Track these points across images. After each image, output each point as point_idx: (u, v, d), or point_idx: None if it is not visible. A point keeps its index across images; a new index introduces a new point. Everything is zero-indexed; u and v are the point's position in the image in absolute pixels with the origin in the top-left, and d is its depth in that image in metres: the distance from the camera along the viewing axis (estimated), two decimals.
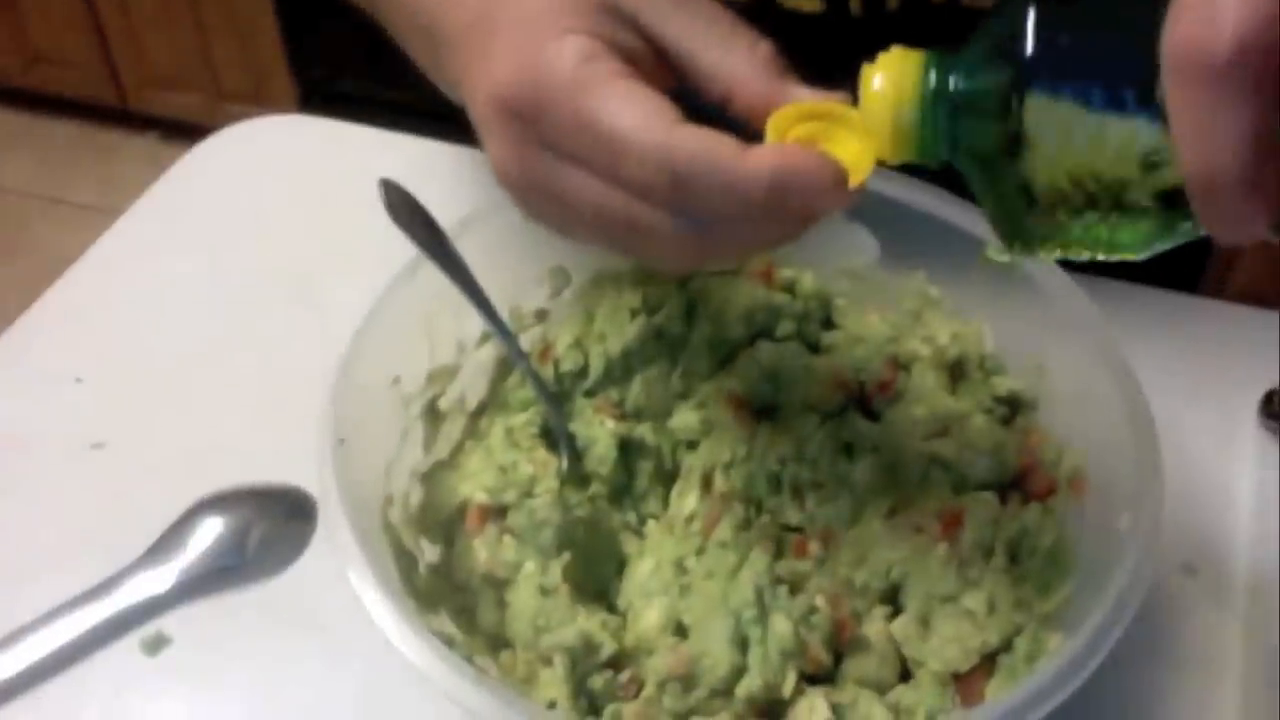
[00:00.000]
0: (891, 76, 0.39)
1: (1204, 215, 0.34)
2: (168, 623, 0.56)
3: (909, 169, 0.54)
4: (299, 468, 0.55)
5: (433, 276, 0.53)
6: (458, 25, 0.46)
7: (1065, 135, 0.36)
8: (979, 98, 0.38)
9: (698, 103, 0.42)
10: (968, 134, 0.39)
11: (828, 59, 0.42)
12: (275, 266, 0.73)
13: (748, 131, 0.40)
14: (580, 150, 0.40)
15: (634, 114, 0.39)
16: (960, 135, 0.39)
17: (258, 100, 2.10)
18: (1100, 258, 0.40)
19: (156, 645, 0.55)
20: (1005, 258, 0.55)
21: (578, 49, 0.41)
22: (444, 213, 0.54)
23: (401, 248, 0.53)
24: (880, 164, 0.41)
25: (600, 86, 0.40)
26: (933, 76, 0.39)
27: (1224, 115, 0.32)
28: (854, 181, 0.40)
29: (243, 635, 0.56)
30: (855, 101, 0.40)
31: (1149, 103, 0.35)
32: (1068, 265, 0.54)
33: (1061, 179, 0.37)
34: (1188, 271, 0.79)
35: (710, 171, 0.38)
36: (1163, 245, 0.38)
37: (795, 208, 0.39)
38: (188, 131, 0.84)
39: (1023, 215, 0.38)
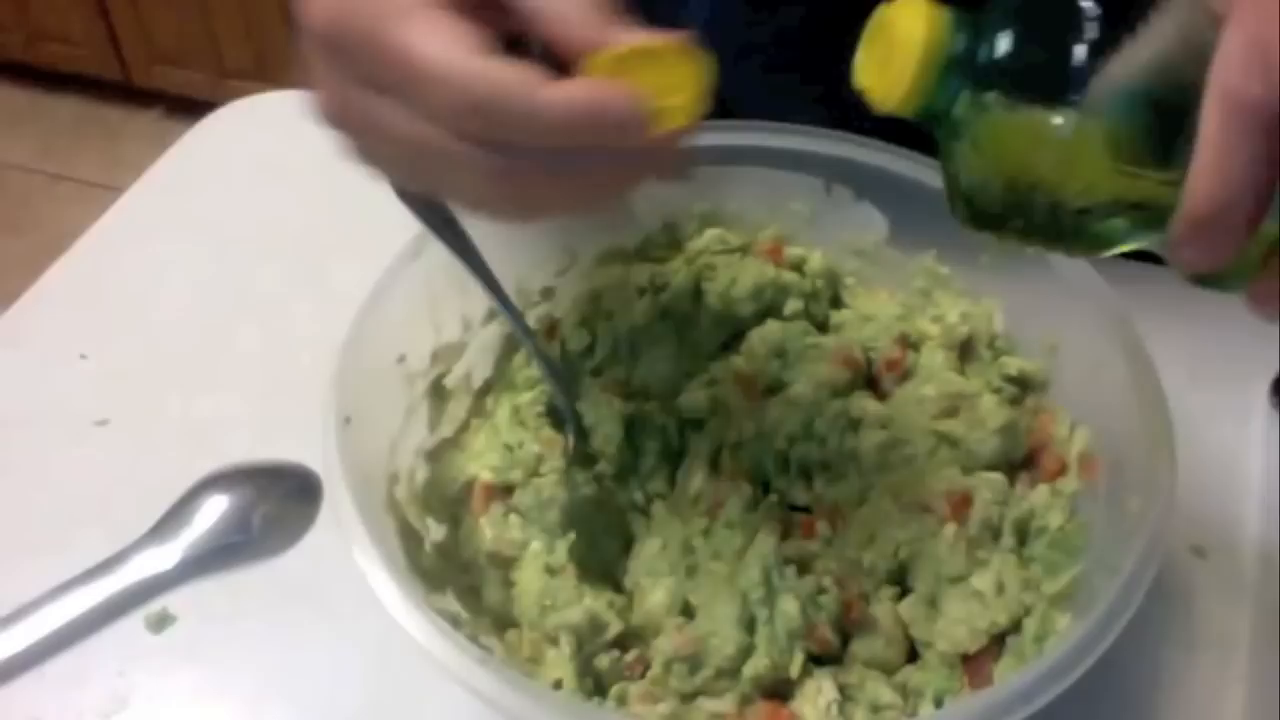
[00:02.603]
0: (920, 25, 0.38)
1: (1185, 239, 0.36)
2: (173, 600, 0.56)
3: (917, 145, 0.54)
4: (304, 445, 0.55)
5: (438, 253, 0.53)
6: None
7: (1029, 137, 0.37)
8: (1006, 74, 0.38)
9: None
10: (968, 107, 0.38)
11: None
12: (279, 243, 0.73)
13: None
14: (389, 81, 0.40)
15: (437, 43, 0.38)
16: (959, 105, 0.39)
17: (261, 76, 2.09)
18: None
19: (161, 623, 0.55)
20: None
21: None
22: None
23: (406, 224, 0.53)
24: (865, 108, 0.40)
25: (407, 16, 0.39)
26: (961, 39, 0.38)
27: (1254, 154, 0.34)
28: (679, 121, 0.39)
29: (248, 613, 0.55)
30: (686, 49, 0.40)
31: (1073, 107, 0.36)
32: None
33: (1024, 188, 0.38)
34: None
35: (509, 100, 0.38)
36: (1100, 253, 0.40)
37: (600, 141, 0.39)
38: (192, 108, 0.84)
39: (979, 198, 0.39)
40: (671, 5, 0.45)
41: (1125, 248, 0.39)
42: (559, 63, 0.40)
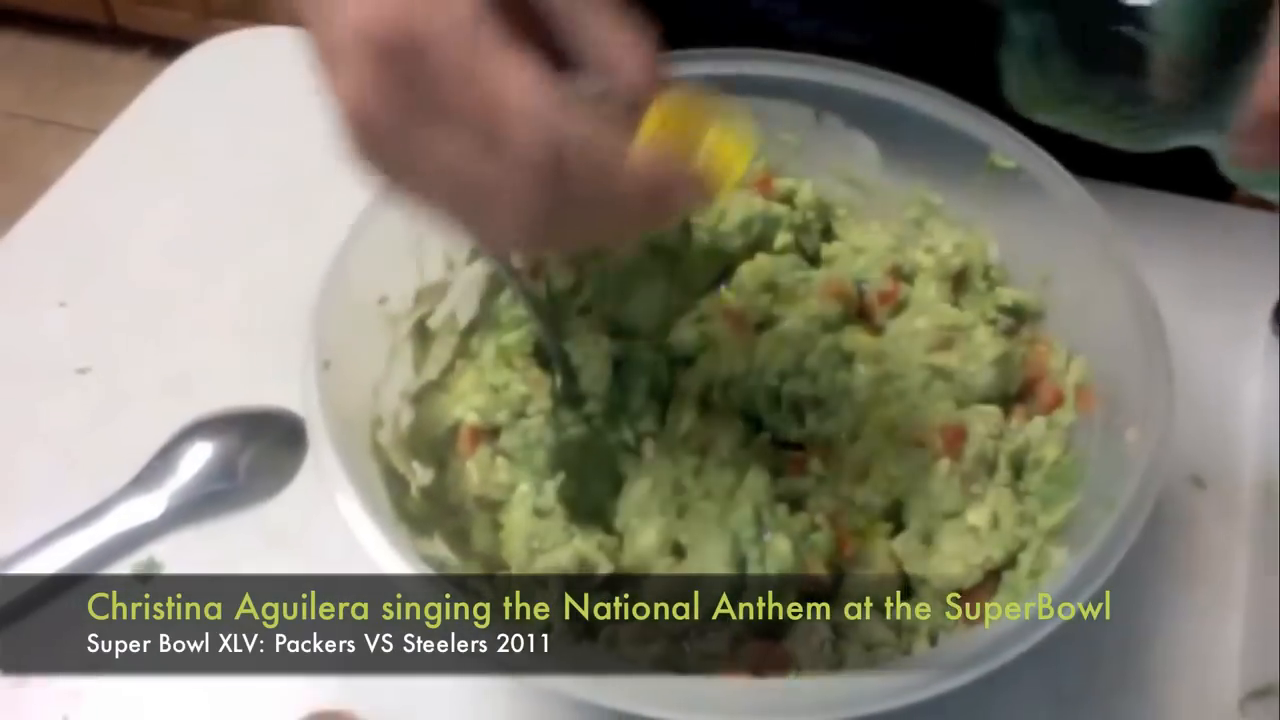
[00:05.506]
0: None
1: (1247, 138, 0.37)
2: (159, 549, 0.55)
3: (907, 69, 0.52)
4: (289, 390, 0.53)
5: None
6: None
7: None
8: None
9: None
10: None
11: None
12: (260, 183, 0.71)
13: None
14: (463, 108, 0.36)
15: (528, 82, 0.36)
16: None
17: (248, 15, 2.06)
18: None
19: (148, 571, 0.54)
20: (1011, 163, 0.54)
21: None
22: None
23: None
24: None
25: (496, 45, 0.36)
26: None
27: None
28: (726, 183, 0.39)
29: (235, 561, 0.55)
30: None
31: None
32: (1076, 170, 0.53)
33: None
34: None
35: (596, 164, 0.37)
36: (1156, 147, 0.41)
37: (660, 214, 0.40)
38: (177, 48, 0.82)
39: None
40: None
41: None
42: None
